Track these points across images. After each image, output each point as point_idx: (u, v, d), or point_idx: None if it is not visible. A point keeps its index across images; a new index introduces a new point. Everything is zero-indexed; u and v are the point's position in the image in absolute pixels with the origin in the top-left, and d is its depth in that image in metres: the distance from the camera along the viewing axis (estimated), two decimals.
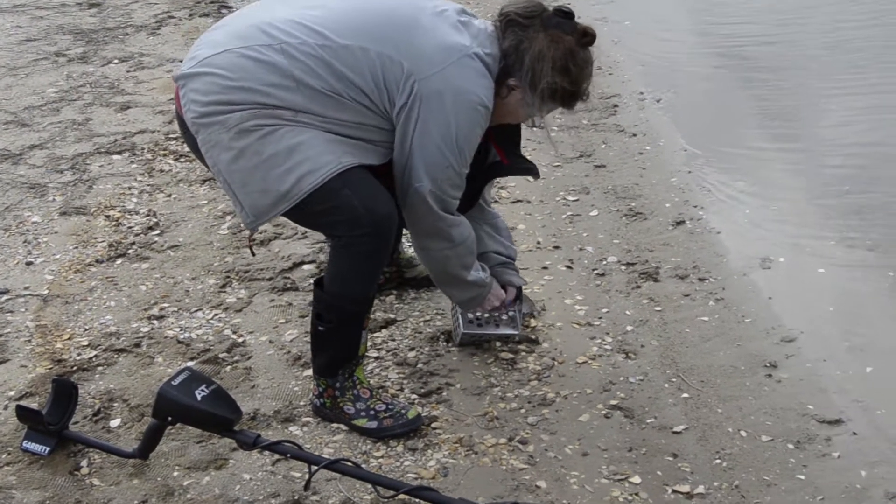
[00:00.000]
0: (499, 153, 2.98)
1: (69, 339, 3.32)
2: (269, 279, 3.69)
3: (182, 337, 3.33)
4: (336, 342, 2.81)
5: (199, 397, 2.53)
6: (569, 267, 3.81)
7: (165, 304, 3.54)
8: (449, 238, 2.81)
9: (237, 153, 2.55)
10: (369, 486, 2.55)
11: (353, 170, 2.58)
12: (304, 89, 2.53)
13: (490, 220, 3.23)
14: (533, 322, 3.40)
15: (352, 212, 2.58)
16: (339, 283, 2.73)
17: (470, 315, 3.19)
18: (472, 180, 2.84)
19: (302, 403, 2.98)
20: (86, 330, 3.38)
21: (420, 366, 3.17)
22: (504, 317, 3.19)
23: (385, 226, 2.63)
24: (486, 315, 3.18)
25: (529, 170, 3.05)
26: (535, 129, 2.90)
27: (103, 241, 3.99)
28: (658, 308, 3.53)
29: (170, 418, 2.58)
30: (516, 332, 3.20)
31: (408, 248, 3.78)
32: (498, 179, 4.54)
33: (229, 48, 2.58)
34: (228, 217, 4.19)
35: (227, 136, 2.54)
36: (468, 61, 2.60)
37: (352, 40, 2.55)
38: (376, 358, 3.21)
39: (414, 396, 3.03)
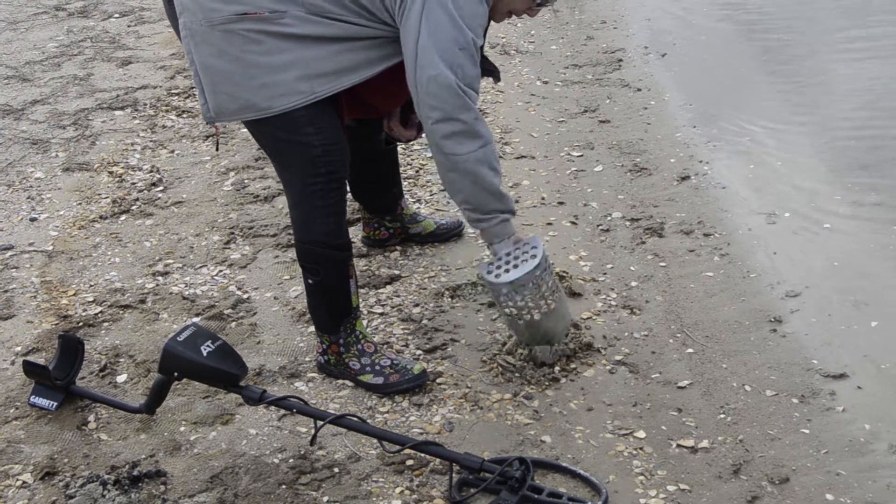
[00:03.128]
0: None
1: (74, 294, 3.33)
2: (273, 235, 3.68)
3: (187, 293, 3.33)
4: (327, 294, 2.83)
5: (204, 353, 2.53)
6: (573, 223, 3.80)
7: (170, 261, 3.54)
8: (478, 134, 2.59)
9: (217, 51, 2.52)
10: (375, 440, 2.57)
11: (323, 104, 2.58)
12: None
13: None
14: None
15: (310, 151, 2.61)
16: (305, 229, 2.76)
17: (492, 268, 2.82)
18: None
19: (307, 359, 2.99)
20: (91, 286, 3.38)
21: (425, 322, 3.17)
22: (523, 249, 2.83)
23: (338, 167, 2.67)
24: (507, 255, 2.82)
25: (492, 72, 2.91)
26: (545, 5, 2.78)
27: (107, 198, 3.98)
28: (663, 264, 3.52)
29: (176, 374, 2.59)
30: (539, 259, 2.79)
31: (411, 203, 3.78)
32: (502, 133, 4.52)
33: None
34: (232, 173, 4.17)
35: (211, 32, 2.51)
36: None
37: None
38: (381, 314, 3.22)
39: (419, 352, 3.03)
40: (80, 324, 3.16)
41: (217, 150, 3.63)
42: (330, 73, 2.56)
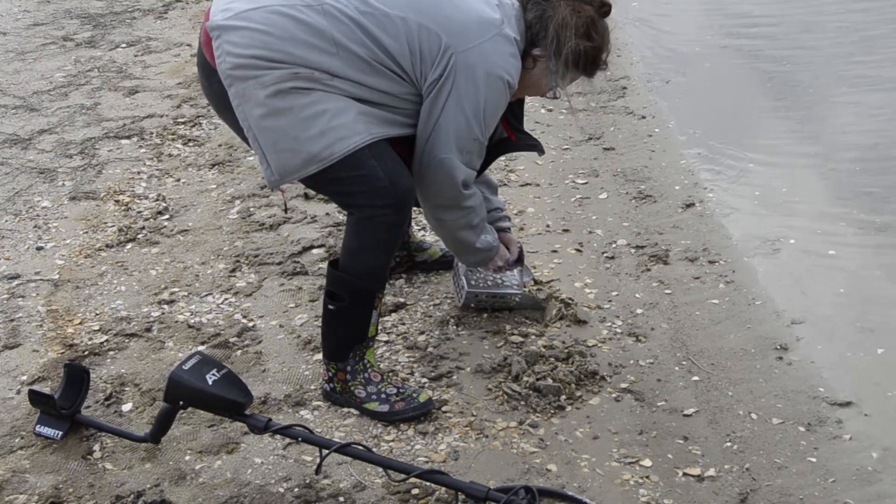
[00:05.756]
0: (506, 129, 3.01)
1: (80, 323, 3.33)
2: (279, 263, 3.69)
3: (193, 321, 3.34)
4: (347, 322, 2.82)
5: (210, 381, 2.53)
6: (578, 250, 3.80)
7: (176, 289, 3.54)
8: (463, 207, 2.85)
9: (270, 111, 2.55)
10: (380, 469, 2.56)
11: (381, 142, 2.63)
12: (342, 53, 2.54)
13: (483, 178, 3.26)
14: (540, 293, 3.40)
15: (376, 182, 2.61)
16: (356, 258, 2.75)
17: (473, 275, 3.31)
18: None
19: (312, 387, 2.99)
20: (97, 314, 3.39)
21: (430, 349, 3.17)
22: (507, 278, 3.30)
23: (406, 198, 2.68)
24: (491, 276, 3.30)
25: (534, 146, 3.08)
26: (556, 98, 2.91)
27: (113, 226, 4.00)
28: (668, 291, 3.52)
29: (181, 402, 2.59)
30: (519, 292, 3.29)
31: (417, 231, 3.79)
32: (507, 161, 4.54)
33: (266, 5, 2.56)
34: (237, 201, 4.19)
35: (263, 93, 2.54)
36: (502, 40, 2.64)
37: (392, 9, 2.57)
38: (386, 342, 3.21)
39: (424, 380, 3.03)
40: (86, 352, 3.16)
41: (286, 212, 3.66)
42: (379, 120, 2.63)
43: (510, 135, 3.02)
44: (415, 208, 3.10)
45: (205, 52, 2.68)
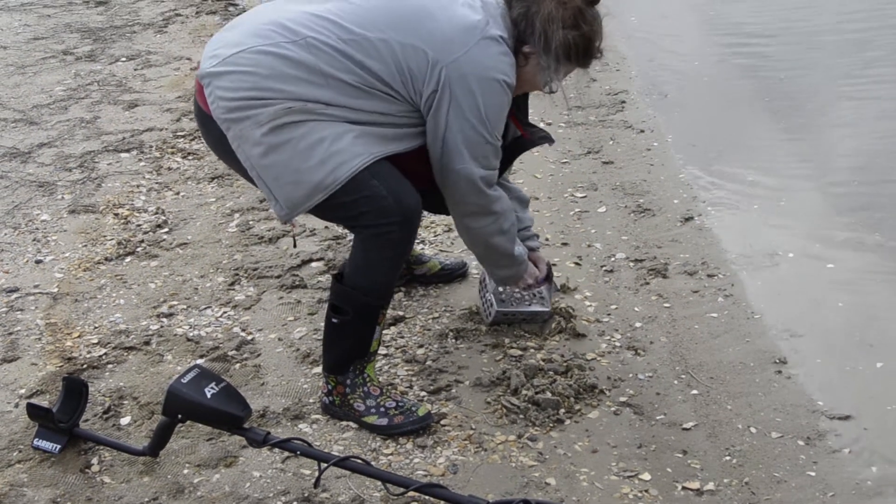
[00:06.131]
0: (518, 128, 3.01)
1: (79, 336, 3.33)
2: (278, 276, 3.69)
3: (191, 334, 3.34)
4: (350, 336, 2.82)
5: (208, 395, 2.53)
6: (577, 264, 3.81)
7: (174, 302, 3.54)
8: (492, 212, 2.83)
9: (269, 147, 2.56)
10: (379, 483, 2.55)
11: (381, 161, 2.62)
12: (332, 83, 2.55)
13: (515, 193, 3.27)
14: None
15: (381, 201, 2.61)
16: (362, 273, 2.75)
17: (501, 293, 3.30)
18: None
19: (311, 401, 2.99)
20: (95, 328, 3.39)
21: (429, 363, 3.17)
22: (535, 295, 3.30)
23: (412, 214, 2.67)
24: (518, 293, 3.29)
25: (545, 137, 3.07)
26: (553, 93, 2.87)
27: (112, 239, 4.00)
28: (667, 304, 3.52)
29: (180, 416, 2.58)
30: (547, 310, 3.30)
31: (416, 245, 3.78)
32: (507, 176, 4.55)
33: (251, 46, 2.58)
34: (236, 215, 4.19)
35: (259, 132, 2.55)
36: (488, 42, 2.62)
37: (372, 32, 2.57)
38: (385, 355, 3.21)
39: (423, 393, 3.03)
40: (85, 366, 3.16)
41: (295, 246, 3.70)
42: (379, 139, 2.63)
43: (522, 132, 3.01)
44: None
45: (199, 101, 2.70)
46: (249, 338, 3.32)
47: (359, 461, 2.50)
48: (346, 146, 2.56)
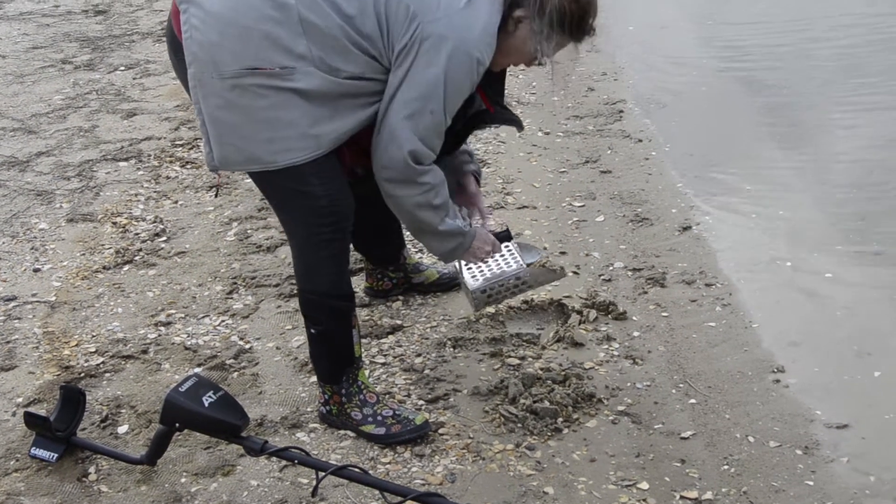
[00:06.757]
0: (484, 101, 2.87)
1: (77, 345, 3.33)
2: (276, 285, 3.69)
3: (189, 343, 3.33)
4: (330, 341, 2.83)
5: (206, 403, 2.53)
6: (575, 273, 3.81)
7: (172, 311, 3.54)
8: (418, 183, 2.65)
9: (226, 103, 2.51)
10: (377, 492, 2.55)
11: (328, 158, 2.60)
12: (309, 30, 2.45)
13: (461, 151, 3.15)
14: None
15: (314, 201, 2.62)
16: (308, 278, 2.77)
17: (471, 273, 3.26)
18: (455, 126, 2.73)
19: (309, 409, 2.98)
20: (93, 336, 3.38)
21: (427, 372, 3.17)
22: (503, 258, 3.25)
23: (343, 218, 2.70)
24: (489, 268, 3.25)
25: (513, 120, 2.95)
26: (541, 66, 2.78)
27: (110, 248, 4.00)
28: (665, 314, 3.53)
29: (177, 424, 2.58)
30: (522, 270, 3.24)
31: (414, 253, 3.79)
32: (504, 184, 4.55)
33: None
34: (235, 224, 4.19)
35: (220, 84, 2.49)
36: (475, 9, 2.52)
37: None
38: (383, 364, 3.21)
39: (421, 402, 3.02)
40: (82, 374, 3.15)
41: (216, 196, 3.63)
42: (334, 129, 2.57)
43: (489, 107, 2.88)
44: (406, 233, 3.04)
45: (174, 24, 2.62)
46: (247, 346, 3.32)
47: (357, 470, 2.50)
48: (295, 135, 2.51)
